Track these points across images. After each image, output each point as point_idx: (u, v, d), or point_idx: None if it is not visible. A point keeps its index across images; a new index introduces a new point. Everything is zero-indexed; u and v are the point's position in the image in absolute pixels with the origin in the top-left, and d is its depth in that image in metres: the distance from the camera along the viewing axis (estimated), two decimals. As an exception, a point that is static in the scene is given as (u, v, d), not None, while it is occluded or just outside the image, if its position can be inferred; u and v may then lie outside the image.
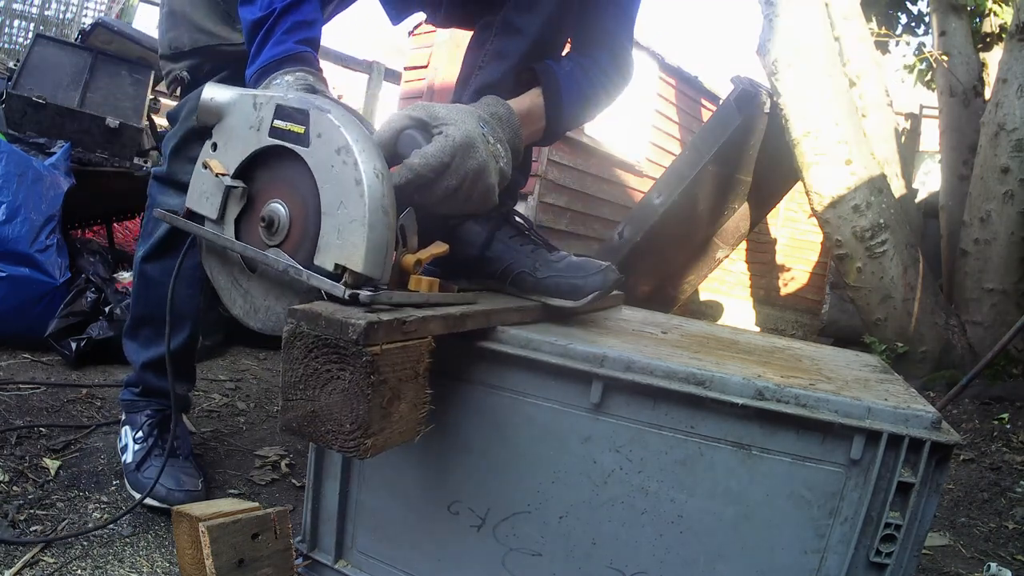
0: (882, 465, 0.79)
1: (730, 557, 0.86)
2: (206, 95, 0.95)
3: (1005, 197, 3.68)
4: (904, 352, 3.73)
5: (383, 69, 6.52)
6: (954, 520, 1.96)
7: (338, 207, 0.83)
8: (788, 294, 7.29)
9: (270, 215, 0.91)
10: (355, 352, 0.73)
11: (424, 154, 0.92)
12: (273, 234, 0.91)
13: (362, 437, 0.75)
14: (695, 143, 4.00)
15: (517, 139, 1.07)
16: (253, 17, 1.02)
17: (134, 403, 1.43)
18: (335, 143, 0.84)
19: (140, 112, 3.07)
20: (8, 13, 7.89)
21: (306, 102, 0.88)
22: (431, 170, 0.91)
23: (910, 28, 5.83)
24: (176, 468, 1.33)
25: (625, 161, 5.88)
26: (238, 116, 0.94)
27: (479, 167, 0.94)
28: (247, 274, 0.98)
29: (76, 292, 2.13)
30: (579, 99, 1.20)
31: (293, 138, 0.88)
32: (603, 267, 1.11)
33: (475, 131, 0.95)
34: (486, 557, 0.98)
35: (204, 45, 1.32)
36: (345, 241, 0.82)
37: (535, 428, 0.94)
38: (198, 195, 0.99)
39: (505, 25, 1.17)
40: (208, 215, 0.98)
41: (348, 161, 0.83)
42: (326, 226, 0.85)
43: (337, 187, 0.84)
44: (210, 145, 0.97)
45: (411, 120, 0.96)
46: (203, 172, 0.97)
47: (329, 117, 0.85)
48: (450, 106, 0.98)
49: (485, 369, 0.96)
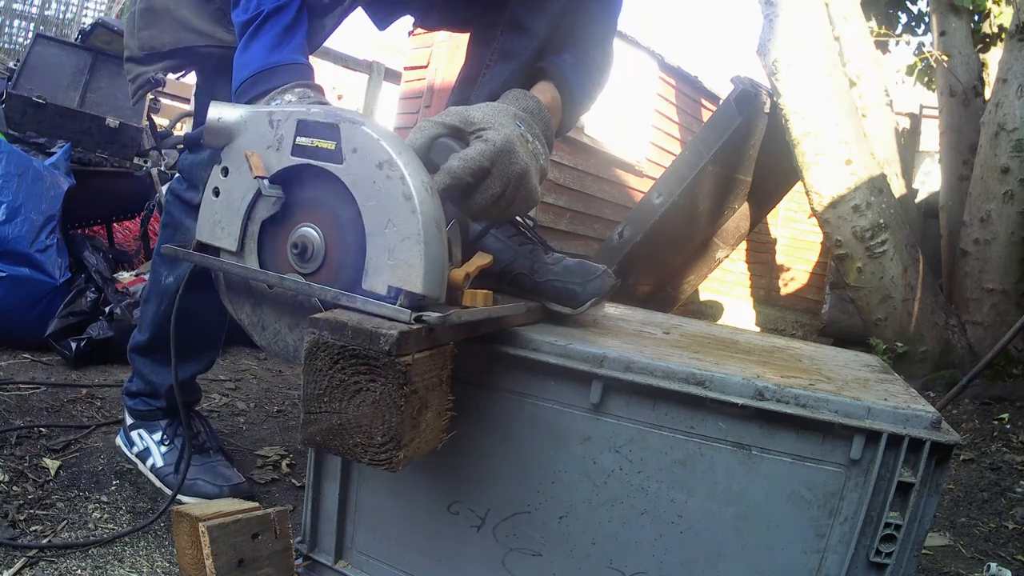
0: (882, 465, 0.79)
1: (730, 557, 0.86)
2: (212, 115, 0.88)
3: (1005, 197, 3.68)
4: (904, 352, 3.73)
5: (383, 69, 6.52)
6: (954, 520, 1.96)
7: (386, 226, 0.78)
8: (788, 294, 7.29)
9: (302, 241, 0.85)
10: (387, 363, 0.70)
11: (464, 157, 0.87)
12: (307, 261, 0.85)
13: (394, 449, 0.73)
14: (695, 143, 3.99)
15: (550, 132, 1.04)
16: (240, 19, 0.99)
17: (151, 413, 1.42)
18: (376, 157, 0.78)
19: (140, 112, 3.07)
20: (8, 13, 7.90)
21: (334, 115, 0.82)
22: (471, 174, 0.87)
23: (910, 28, 5.83)
24: (215, 464, 1.36)
25: (625, 161, 5.88)
26: (252, 136, 0.87)
27: (522, 170, 0.91)
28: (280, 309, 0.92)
29: (76, 292, 2.13)
30: (584, 92, 1.19)
31: (323, 155, 0.82)
32: (600, 272, 1.10)
33: (514, 133, 0.91)
34: (486, 557, 0.98)
35: (189, 46, 1.21)
36: (399, 261, 0.77)
37: (535, 428, 0.94)
38: (211, 226, 0.92)
39: (512, 23, 1.17)
40: (226, 247, 0.91)
41: (393, 176, 0.77)
42: (373, 247, 0.79)
43: (383, 204, 0.78)
44: (219, 170, 0.90)
45: (444, 127, 0.91)
46: (215, 201, 0.90)
47: (365, 130, 0.80)
48: (484, 107, 0.94)
49: (485, 370, 0.96)
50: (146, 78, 1.24)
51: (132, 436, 1.43)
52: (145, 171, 2.95)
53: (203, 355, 1.44)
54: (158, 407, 1.41)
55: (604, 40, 1.27)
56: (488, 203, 0.90)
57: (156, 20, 1.21)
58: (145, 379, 1.41)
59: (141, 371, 1.41)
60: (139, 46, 1.22)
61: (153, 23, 1.22)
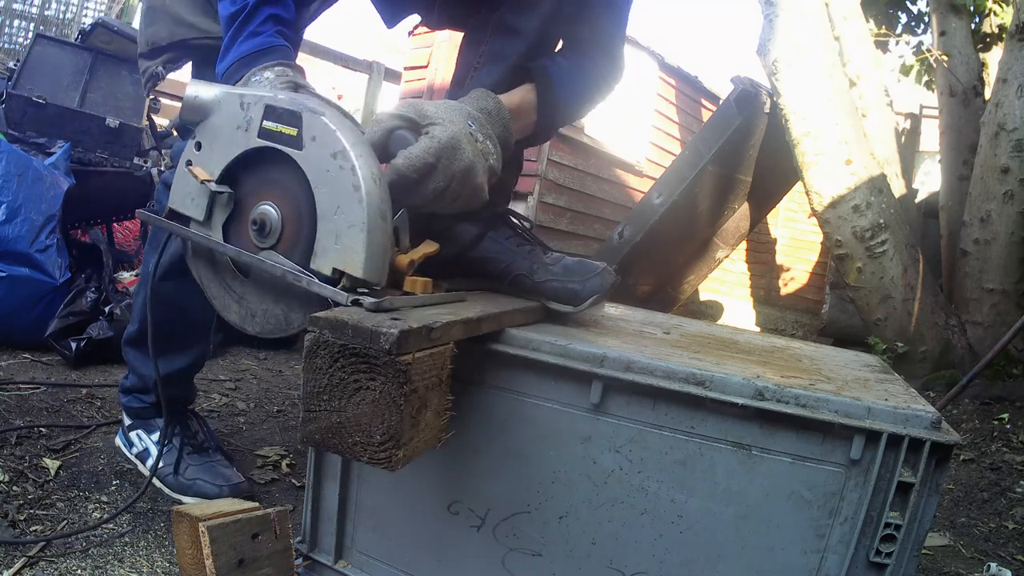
0: (882, 465, 0.79)
1: (730, 557, 0.86)
2: (190, 92, 0.93)
3: (1005, 197, 3.68)
4: (904, 352, 3.73)
5: (383, 69, 6.52)
6: (954, 520, 1.96)
7: (335, 212, 0.83)
8: (788, 294, 7.29)
9: (261, 217, 0.90)
10: (387, 362, 0.71)
11: (408, 155, 0.91)
12: (265, 237, 0.90)
13: (393, 448, 0.73)
14: (695, 143, 3.99)
15: (508, 133, 1.07)
16: (227, 12, 1.02)
17: (145, 410, 1.42)
18: (331, 147, 0.83)
19: (140, 112, 3.07)
20: (8, 13, 7.90)
21: (298, 103, 0.86)
22: (415, 171, 0.91)
23: (910, 28, 5.83)
24: (215, 463, 1.36)
25: (625, 161, 5.88)
26: (224, 115, 0.92)
27: (466, 167, 0.94)
28: (240, 279, 0.96)
29: (76, 292, 2.13)
30: (573, 95, 1.20)
31: (285, 140, 0.86)
32: (599, 270, 1.10)
33: (461, 130, 0.95)
34: (486, 557, 0.98)
35: (182, 39, 1.28)
36: (344, 246, 0.82)
37: (535, 428, 0.94)
38: (182, 196, 0.97)
39: (502, 25, 1.17)
40: (194, 216, 0.96)
41: (345, 166, 0.82)
42: (322, 231, 0.84)
43: (333, 192, 0.83)
44: (194, 144, 0.95)
45: (401, 120, 0.96)
46: (186, 172, 0.95)
47: (324, 120, 0.84)
48: (439, 103, 0.98)
49: (485, 369, 0.96)
50: (151, 72, 1.32)
51: (131, 437, 1.43)
52: (145, 171, 2.95)
53: (190, 349, 1.42)
54: (150, 403, 1.42)
55: (612, 47, 1.27)
56: (431, 196, 0.94)
57: (156, 18, 1.30)
58: (136, 372, 1.43)
59: (132, 364, 1.44)
60: (145, 43, 1.31)
61: (154, 21, 1.30)
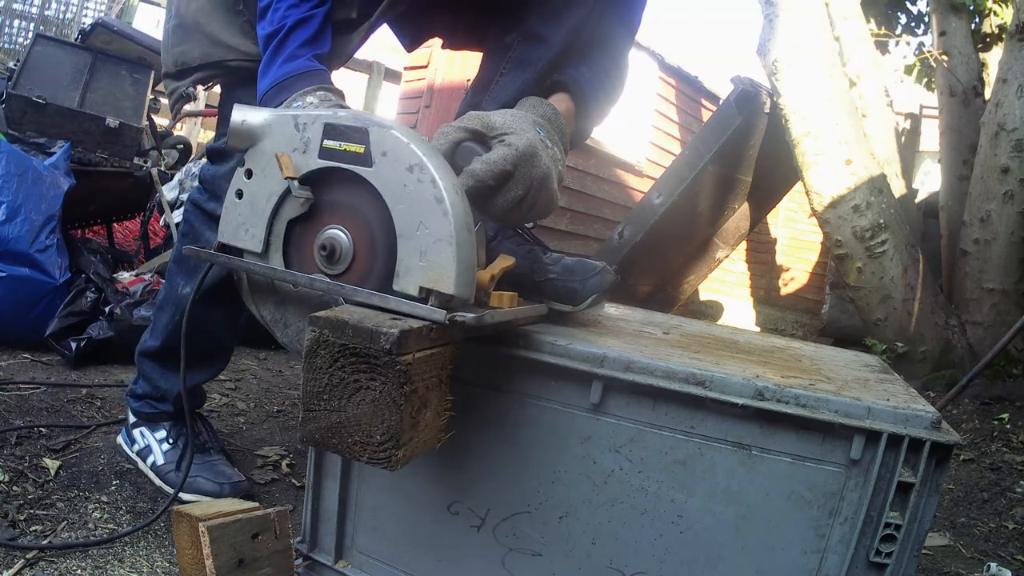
0: (882, 465, 0.79)
1: (730, 557, 0.86)
2: (236, 117, 0.89)
3: (1005, 197, 3.68)
4: (904, 352, 3.73)
5: (383, 69, 6.52)
6: (954, 520, 1.96)
7: (417, 228, 0.79)
8: (788, 294, 7.29)
9: (330, 242, 0.86)
10: (387, 361, 0.71)
11: (487, 160, 0.89)
12: (335, 263, 0.86)
13: (393, 448, 0.73)
14: (695, 143, 3.99)
15: (566, 139, 1.06)
16: (264, 32, 1.01)
17: (157, 415, 1.42)
18: (406, 161, 0.80)
19: (140, 112, 3.07)
20: (8, 13, 7.90)
21: (362, 119, 0.83)
22: (493, 177, 0.89)
23: (910, 28, 5.83)
24: (216, 462, 1.36)
25: (625, 161, 5.87)
26: (277, 139, 0.88)
27: (544, 174, 0.92)
28: (306, 307, 0.92)
29: (76, 292, 2.13)
30: (597, 106, 1.20)
31: (350, 158, 0.83)
32: (599, 269, 1.11)
33: (536, 138, 0.93)
34: (486, 557, 0.98)
35: (218, 60, 1.23)
36: (430, 263, 0.78)
37: (535, 428, 0.94)
38: (234, 227, 0.92)
39: (530, 33, 1.17)
40: (250, 248, 0.91)
41: (424, 179, 0.78)
42: (404, 249, 0.80)
43: (413, 207, 0.79)
44: (243, 172, 0.91)
45: (467, 132, 0.93)
46: (238, 203, 0.91)
47: (395, 134, 0.81)
48: (503, 113, 0.96)
49: (485, 369, 0.96)
50: (179, 93, 1.27)
51: (134, 434, 1.43)
52: (145, 171, 2.95)
53: (214, 363, 1.45)
54: (164, 411, 1.41)
55: (621, 55, 1.27)
56: (510, 206, 0.92)
57: (187, 36, 1.24)
58: (153, 384, 1.41)
59: (150, 375, 1.41)
60: (173, 62, 1.25)
61: (184, 39, 1.24)
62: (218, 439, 1.46)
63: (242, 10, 1.21)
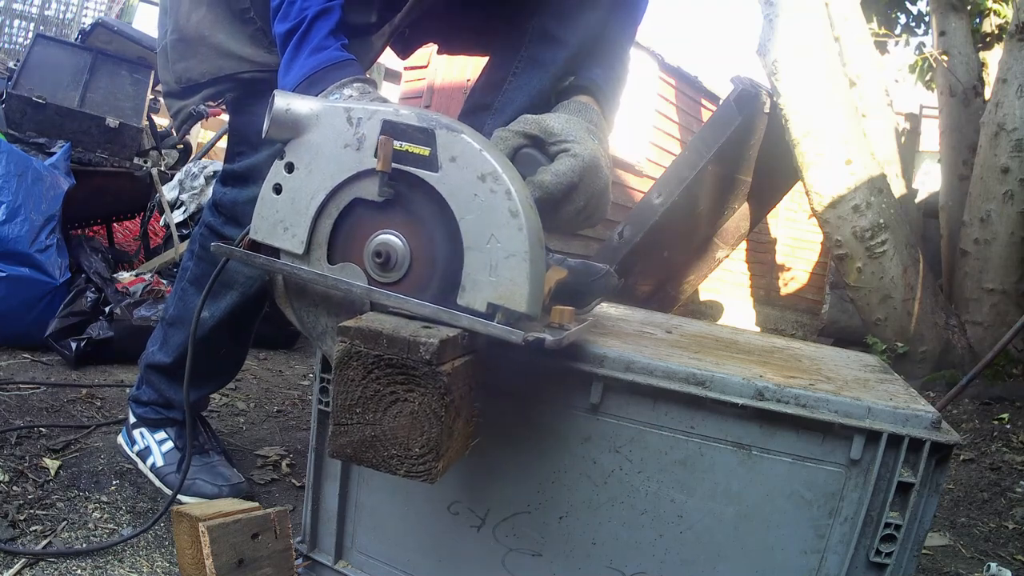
0: (882, 465, 0.79)
1: (730, 557, 0.86)
2: (280, 104, 0.82)
3: (1005, 197, 3.68)
4: (904, 352, 3.73)
5: (383, 69, 6.52)
6: (954, 520, 1.96)
7: (488, 241, 0.74)
8: (788, 294, 7.29)
9: (385, 248, 0.80)
10: (427, 372, 0.68)
11: (556, 172, 0.87)
12: (389, 270, 0.80)
13: (433, 460, 0.70)
14: (695, 143, 3.99)
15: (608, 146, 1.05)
16: (283, 29, 0.95)
17: (160, 421, 1.42)
18: (478, 168, 0.74)
19: (140, 112, 3.07)
20: (8, 13, 7.90)
21: (428, 119, 0.77)
22: (561, 189, 0.87)
23: (910, 28, 5.83)
24: (215, 464, 1.36)
25: (625, 161, 5.88)
26: (326, 132, 0.81)
27: (605, 185, 0.92)
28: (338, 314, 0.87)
29: (76, 292, 2.13)
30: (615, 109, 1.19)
31: (412, 160, 0.77)
32: (602, 272, 1.11)
33: (597, 147, 0.92)
34: (486, 557, 0.98)
35: (229, 73, 1.14)
36: (501, 278, 0.74)
37: (535, 428, 0.94)
38: (271, 225, 0.84)
39: (543, 33, 1.15)
40: (290, 249, 0.84)
41: (497, 190, 0.74)
42: (472, 261, 0.75)
43: (484, 218, 0.74)
44: (283, 166, 0.83)
45: (525, 137, 0.91)
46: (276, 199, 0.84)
47: (466, 139, 0.75)
48: (559, 117, 0.94)
49: (484, 370, 0.96)
50: (188, 112, 1.19)
51: (134, 435, 1.43)
52: (145, 171, 2.95)
53: (225, 376, 1.47)
54: (170, 417, 1.41)
55: (625, 55, 1.27)
56: (572, 217, 0.91)
57: (191, 51, 1.16)
58: (161, 394, 1.40)
59: (158, 386, 1.40)
60: (175, 79, 1.17)
61: (188, 54, 1.16)
62: (218, 440, 1.46)
63: (252, 17, 1.13)
